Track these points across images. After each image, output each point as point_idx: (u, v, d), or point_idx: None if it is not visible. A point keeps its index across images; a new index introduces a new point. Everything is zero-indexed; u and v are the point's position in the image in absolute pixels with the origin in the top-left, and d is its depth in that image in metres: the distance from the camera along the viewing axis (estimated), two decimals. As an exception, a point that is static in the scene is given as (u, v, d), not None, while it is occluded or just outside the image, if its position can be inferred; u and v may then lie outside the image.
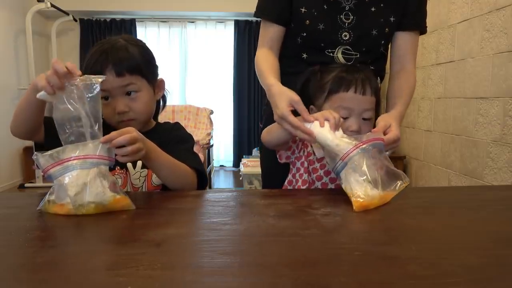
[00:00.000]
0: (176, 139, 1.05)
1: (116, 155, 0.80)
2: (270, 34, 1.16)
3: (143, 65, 0.99)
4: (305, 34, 1.13)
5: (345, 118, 0.96)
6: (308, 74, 1.06)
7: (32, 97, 0.82)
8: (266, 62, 1.12)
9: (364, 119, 0.97)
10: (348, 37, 1.12)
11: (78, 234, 0.69)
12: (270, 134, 0.99)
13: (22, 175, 4.58)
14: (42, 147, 0.89)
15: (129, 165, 0.99)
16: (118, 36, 1.02)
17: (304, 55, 1.15)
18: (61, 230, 0.71)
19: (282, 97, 0.93)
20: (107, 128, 0.83)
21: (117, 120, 0.98)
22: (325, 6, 1.10)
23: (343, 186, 0.83)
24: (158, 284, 0.48)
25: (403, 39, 1.16)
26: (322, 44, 1.13)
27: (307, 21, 1.11)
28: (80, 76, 0.78)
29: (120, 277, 0.49)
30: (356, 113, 0.96)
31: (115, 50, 0.96)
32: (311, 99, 1.03)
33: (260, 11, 1.17)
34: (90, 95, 0.78)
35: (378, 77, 1.20)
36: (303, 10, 1.11)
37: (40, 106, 0.86)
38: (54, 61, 0.78)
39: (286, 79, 1.12)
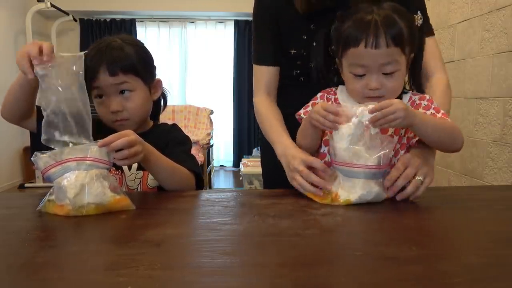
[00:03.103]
0: (174, 141, 1.04)
1: (114, 158, 0.80)
2: (266, 78, 1.12)
3: (139, 64, 0.99)
4: (298, 71, 1.13)
5: (362, 76, 0.87)
6: (328, 28, 0.94)
7: (23, 80, 0.83)
8: (268, 116, 1.08)
9: (386, 73, 0.85)
10: None
11: (78, 234, 0.69)
12: (303, 138, 0.97)
13: (22, 175, 4.58)
14: (37, 147, 0.88)
15: (125, 166, 0.98)
16: (116, 36, 1.01)
17: (302, 78, 1.14)
18: (61, 230, 0.71)
19: (295, 159, 0.90)
20: (106, 129, 0.83)
21: (111, 119, 0.98)
22: (314, 43, 1.06)
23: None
24: (158, 284, 0.48)
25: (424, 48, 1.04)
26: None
27: (299, 61, 1.11)
28: (47, 61, 0.77)
29: (120, 277, 0.49)
30: (373, 69, 0.85)
31: (110, 50, 0.95)
32: (335, 52, 0.93)
33: (257, 59, 1.14)
34: (75, 88, 0.78)
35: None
36: (292, 51, 1.10)
37: (30, 90, 0.86)
38: (27, 44, 0.78)
39: (285, 90, 1.14)
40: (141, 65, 1.00)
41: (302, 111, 0.99)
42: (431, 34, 1.09)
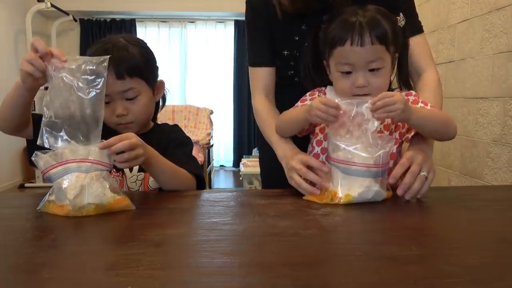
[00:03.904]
0: (175, 143, 1.04)
1: (115, 160, 0.79)
2: (263, 79, 1.13)
3: (143, 66, 0.98)
4: (293, 71, 1.14)
5: (348, 73, 0.89)
6: (316, 29, 0.98)
7: (18, 91, 0.82)
8: (268, 118, 1.09)
9: (371, 70, 0.88)
10: None
11: (78, 234, 0.69)
12: (287, 125, 0.99)
13: (22, 175, 4.58)
14: (34, 146, 0.85)
15: (126, 168, 0.98)
16: (119, 35, 1.00)
17: (296, 79, 1.15)
18: (61, 230, 0.71)
19: (294, 158, 0.92)
20: (107, 130, 0.82)
21: (115, 122, 0.97)
22: (306, 43, 1.06)
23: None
24: (158, 284, 0.48)
25: (413, 46, 1.04)
26: None
27: (292, 62, 1.12)
28: (65, 61, 0.76)
29: (120, 277, 0.49)
30: (359, 67, 0.88)
31: (116, 50, 0.94)
32: (322, 53, 0.96)
33: (253, 61, 1.15)
34: (92, 85, 0.77)
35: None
36: (285, 53, 1.11)
37: (26, 102, 0.85)
38: (33, 40, 0.77)
39: (282, 90, 1.15)
40: (145, 66, 0.99)
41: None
42: (421, 32, 1.10)
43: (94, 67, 0.77)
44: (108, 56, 0.78)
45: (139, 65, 0.97)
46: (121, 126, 0.98)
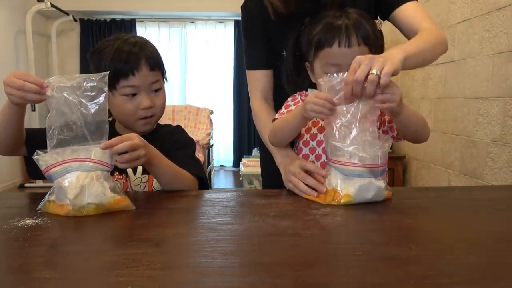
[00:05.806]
0: (178, 144, 1.04)
1: (116, 161, 0.80)
2: (261, 82, 1.15)
3: (162, 62, 1.03)
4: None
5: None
6: (299, 30, 1.01)
7: (10, 110, 0.83)
8: (266, 123, 1.08)
9: None
10: None
11: (78, 234, 0.69)
12: (284, 132, 0.98)
13: (22, 175, 4.58)
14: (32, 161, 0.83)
15: (129, 170, 0.98)
16: (128, 34, 1.02)
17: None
18: (61, 230, 0.71)
19: (294, 163, 0.93)
20: (110, 131, 0.82)
21: (139, 116, 0.98)
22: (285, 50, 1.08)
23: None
24: (158, 284, 0.48)
25: (404, 12, 1.06)
26: None
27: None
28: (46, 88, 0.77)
29: (120, 277, 0.49)
30: (346, 68, 0.85)
31: (144, 45, 0.98)
32: (305, 56, 0.99)
33: (250, 64, 1.17)
34: (95, 101, 0.78)
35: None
36: (284, 53, 1.10)
37: (19, 117, 0.85)
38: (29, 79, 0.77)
39: (280, 91, 1.14)
40: (162, 62, 1.03)
41: (277, 116, 1.02)
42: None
43: (95, 84, 0.78)
44: (108, 72, 0.79)
45: (160, 60, 1.02)
46: (146, 120, 0.99)
